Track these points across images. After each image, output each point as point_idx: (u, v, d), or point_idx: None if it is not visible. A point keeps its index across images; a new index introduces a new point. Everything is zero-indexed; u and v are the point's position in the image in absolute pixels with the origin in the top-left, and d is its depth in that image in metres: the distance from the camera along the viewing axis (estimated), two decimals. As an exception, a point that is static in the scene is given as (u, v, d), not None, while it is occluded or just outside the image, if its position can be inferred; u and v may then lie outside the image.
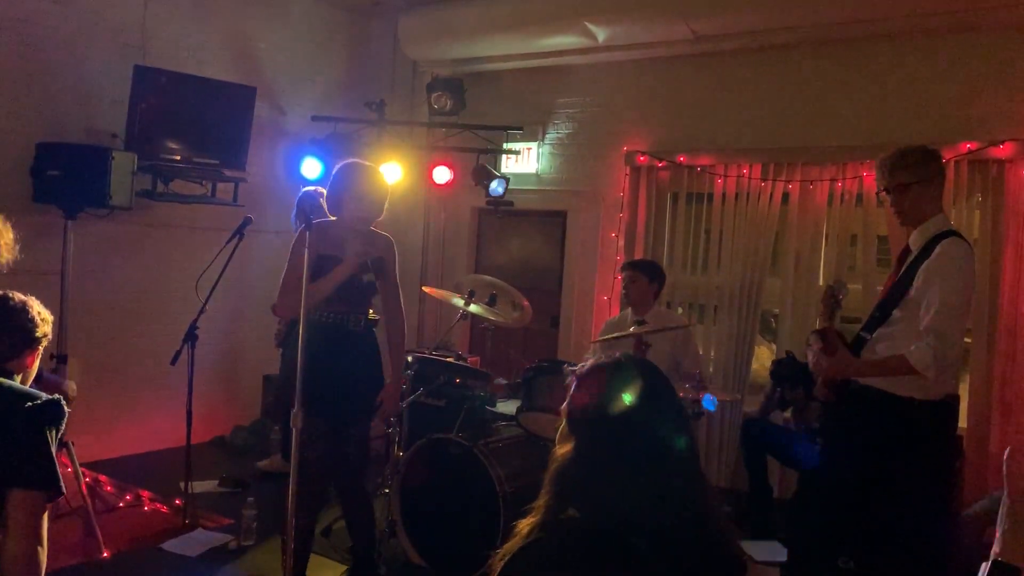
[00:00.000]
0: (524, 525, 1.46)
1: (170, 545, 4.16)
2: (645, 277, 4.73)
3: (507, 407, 4.69)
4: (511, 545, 1.42)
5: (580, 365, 1.56)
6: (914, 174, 3.24)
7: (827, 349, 3.32)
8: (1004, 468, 1.29)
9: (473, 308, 4.64)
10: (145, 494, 4.83)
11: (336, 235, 3.45)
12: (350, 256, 3.37)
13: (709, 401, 4.51)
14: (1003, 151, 4.91)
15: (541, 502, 1.45)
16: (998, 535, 1.25)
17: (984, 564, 1.23)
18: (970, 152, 4.98)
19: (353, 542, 3.76)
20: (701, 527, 1.39)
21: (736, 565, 1.43)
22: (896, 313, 3.27)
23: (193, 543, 4.20)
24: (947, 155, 5.00)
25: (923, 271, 3.17)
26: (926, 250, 3.22)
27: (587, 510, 1.39)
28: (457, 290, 4.93)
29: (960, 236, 3.27)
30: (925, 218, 3.27)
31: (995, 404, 4.93)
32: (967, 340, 5.09)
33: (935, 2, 4.91)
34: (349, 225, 3.50)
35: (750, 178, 5.71)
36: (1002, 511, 1.25)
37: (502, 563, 1.40)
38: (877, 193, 3.45)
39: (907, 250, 3.37)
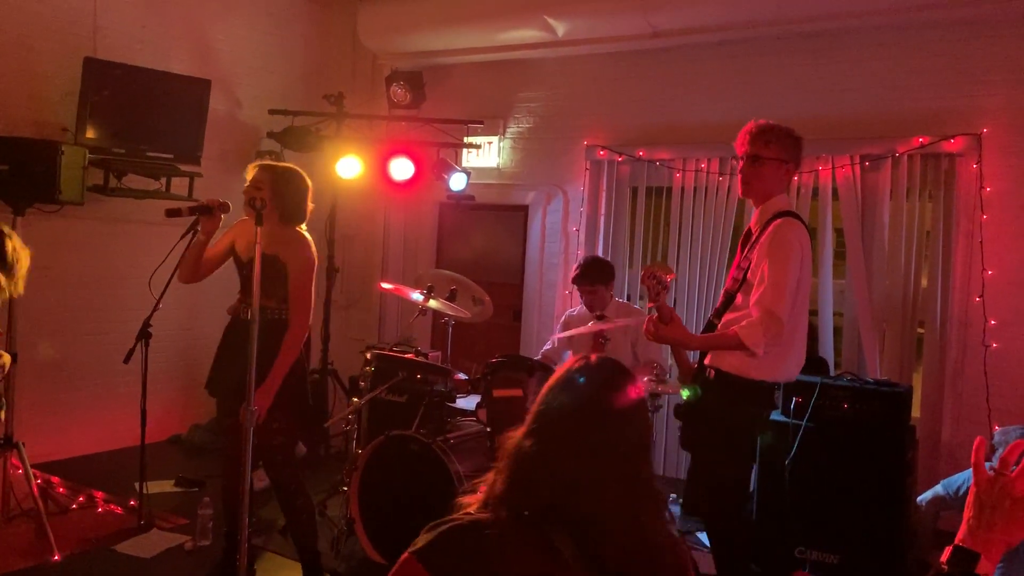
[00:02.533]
0: (468, 501, 1.46)
1: (124, 547, 4.09)
2: (602, 286, 4.71)
3: (468, 402, 4.69)
4: (449, 519, 1.42)
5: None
6: (775, 151, 3.25)
7: (662, 317, 3.28)
8: (973, 456, 1.32)
9: (433, 303, 4.61)
10: (99, 495, 4.74)
11: None
12: None
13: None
14: (954, 145, 4.99)
15: (490, 483, 1.45)
16: (965, 520, 1.27)
17: (947, 548, 1.25)
18: (922, 146, 5.06)
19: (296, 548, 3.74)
20: (637, 528, 1.39)
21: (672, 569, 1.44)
22: (739, 298, 3.28)
23: (148, 544, 4.13)
24: (900, 149, 5.10)
25: (757, 250, 3.19)
26: (764, 231, 3.23)
27: (530, 496, 1.39)
28: (417, 285, 4.90)
29: (796, 217, 3.27)
30: (769, 197, 3.28)
31: (947, 394, 5.03)
32: (920, 331, 5.20)
33: (889, 0, 4.98)
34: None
35: (708, 172, 5.76)
36: (969, 499, 1.28)
37: (435, 532, 1.39)
38: (735, 158, 3.44)
39: (749, 233, 3.37)
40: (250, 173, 3.58)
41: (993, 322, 4.90)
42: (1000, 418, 4.77)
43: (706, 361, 3.36)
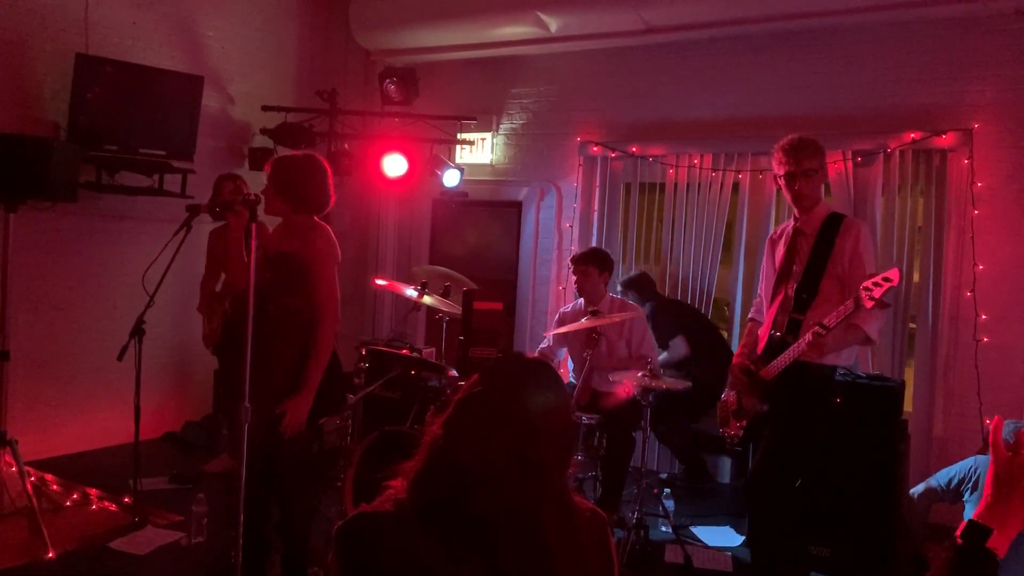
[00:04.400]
0: (395, 484, 1.45)
1: (119, 544, 4.07)
2: (595, 268, 4.73)
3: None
4: (375, 502, 1.43)
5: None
6: (819, 163, 3.45)
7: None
8: (991, 436, 1.34)
9: (426, 299, 4.62)
10: (93, 492, 4.73)
11: None
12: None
13: None
14: (946, 141, 5.02)
15: (409, 468, 1.44)
16: (984, 498, 1.30)
17: (962, 523, 1.29)
18: (914, 142, 5.09)
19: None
20: (535, 533, 1.37)
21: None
22: (826, 286, 3.40)
23: (142, 541, 4.12)
24: (892, 144, 5.12)
25: (837, 246, 3.38)
26: (826, 229, 3.42)
27: (432, 487, 1.39)
28: (411, 281, 4.90)
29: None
30: (817, 202, 3.49)
31: (939, 389, 5.06)
32: (912, 325, 5.23)
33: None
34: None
35: (701, 168, 5.77)
36: (988, 476, 1.30)
37: (358, 513, 1.41)
38: (776, 177, 3.55)
39: (799, 232, 3.50)
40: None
41: (984, 317, 4.93)
42: (990, 412, 4.80)
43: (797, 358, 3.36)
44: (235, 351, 3.22)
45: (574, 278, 4.85)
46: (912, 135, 5.08)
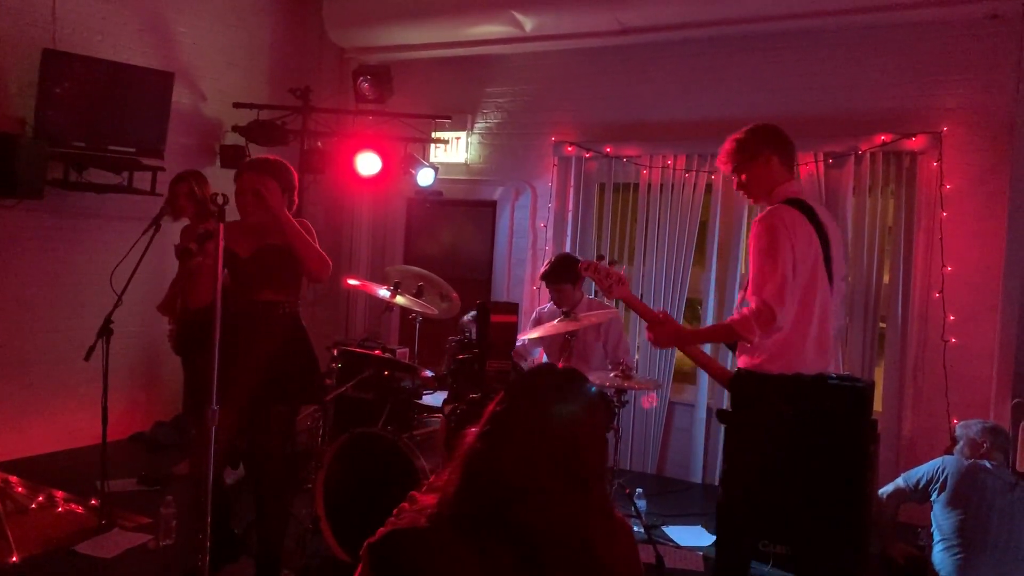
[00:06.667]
0: (424, 498, 1.44)
1: (85, 547, 4.01)
2: (568, 285, 4.71)
3: (436, 399, 4.67)
4: (405, 517, 1.40)
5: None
6: (738, 160, 3.31)
7: (653, 320, 3.32)
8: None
9: (399, 300, 4.59)
10: (59, 494, 4.65)
11: None
12: None
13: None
14: (916, 143, 5.07)
15: (444, 483, 1.43)
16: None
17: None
18: (885, 144, 5.14)
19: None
20: (583, 544, 1.37)
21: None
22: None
23: (109, 544, 4.06)
24: (863, 146, 5.17)
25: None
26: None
27: (476, 500, 1.37)
28: (384, 281, 4.87)
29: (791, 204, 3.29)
30: (767, 195, 3.30)
31: (908, 389, 5.11)
32: (882, 325, 5.28)
33: (852, 1, 5.05)
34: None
35: (674, 168, 5.79)
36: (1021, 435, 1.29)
37: (384, 530, 1.38)
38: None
39: None
40: (244, 180, 3.38)
41: (952, 317, 4.99)
42: (958, 411, 4.87)
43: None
44: (200, 350, 3.25)
45: (549, 294, 4.83)
46: (883, 137, 5.13)
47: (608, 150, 6.03)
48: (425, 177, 6.17)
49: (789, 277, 3.06)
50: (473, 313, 4.33)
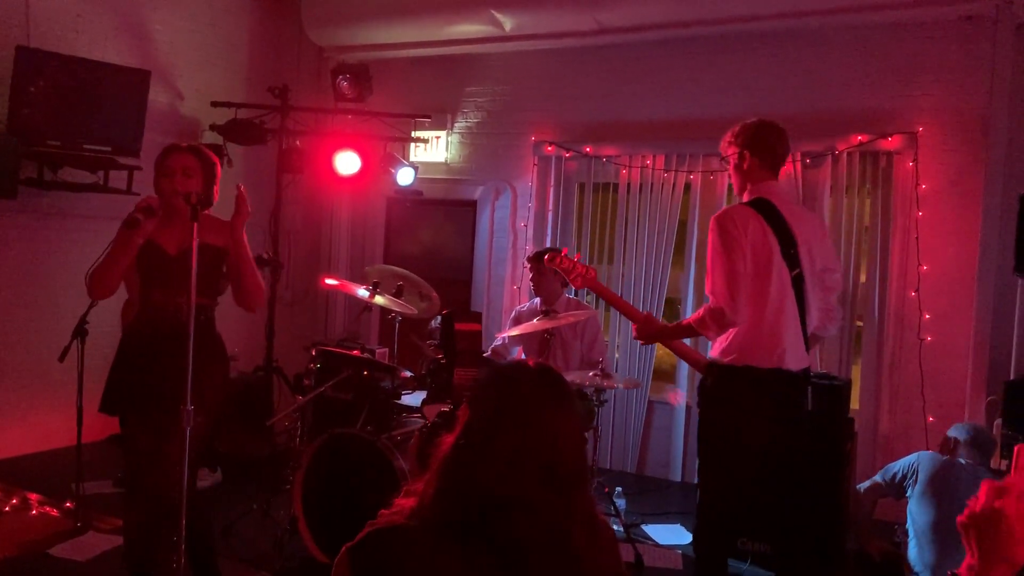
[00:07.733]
0: (403, 504, 1.41)
1: (59, 550, 3.97)
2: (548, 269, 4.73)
3: (415, 399, 4.66)
4: (383, 520, 1.39)
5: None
6: (724, 155, 3.56)
7: (635, 317, 3.53)
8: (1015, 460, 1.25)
9: (379, 299, 4.57)
10: (33, 497, 4.60)
11: None
12: None
13: None
14: (892, 143, 5.12)
15: (421, 490, 1.41)
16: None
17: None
18: (861, 144, 5.18)
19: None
20: (567, 553, 1.35)
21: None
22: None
23: (84, 547, 4.02)
24: (840, 146, 5.21)
25: None
26: None
27: (457, 509, 1.36)
28: (363, 281, 4.85)
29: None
30: (741, 193, 3.53)
31: (884, 387, 5.15)
32: (858, 323, 5.32)
33: (829, 2, 5.09)
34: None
35: (654, 168, 5.81)
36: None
37: (365, 532, 1.37)
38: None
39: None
40: (173, 159, 3.06)
41: (928, 316, 5.03)
42: (934, 410, 4.92)
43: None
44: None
45: (530, 275, 4.85)
46: (859, 137, 5.17)
47: (588, 150, 6.04)
48: (405, 176, 6.15)
49: (740, 274, 3.15)
50: (439, 319, 4.37)
